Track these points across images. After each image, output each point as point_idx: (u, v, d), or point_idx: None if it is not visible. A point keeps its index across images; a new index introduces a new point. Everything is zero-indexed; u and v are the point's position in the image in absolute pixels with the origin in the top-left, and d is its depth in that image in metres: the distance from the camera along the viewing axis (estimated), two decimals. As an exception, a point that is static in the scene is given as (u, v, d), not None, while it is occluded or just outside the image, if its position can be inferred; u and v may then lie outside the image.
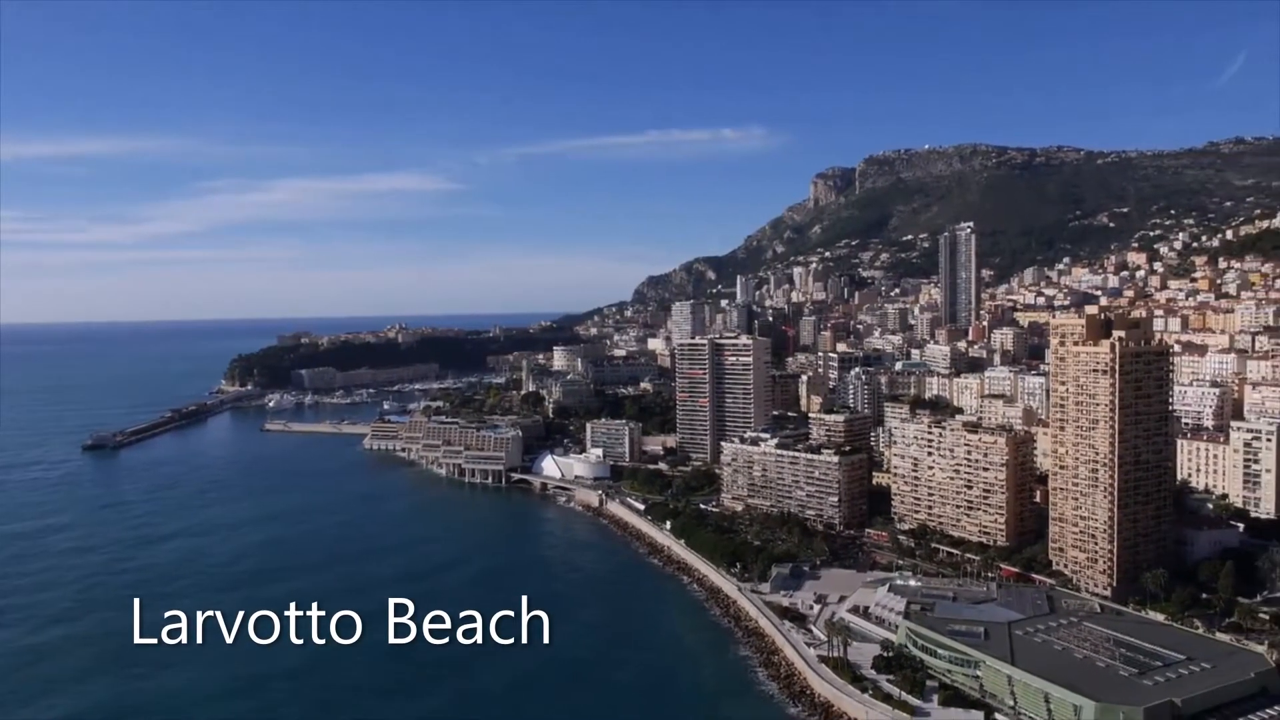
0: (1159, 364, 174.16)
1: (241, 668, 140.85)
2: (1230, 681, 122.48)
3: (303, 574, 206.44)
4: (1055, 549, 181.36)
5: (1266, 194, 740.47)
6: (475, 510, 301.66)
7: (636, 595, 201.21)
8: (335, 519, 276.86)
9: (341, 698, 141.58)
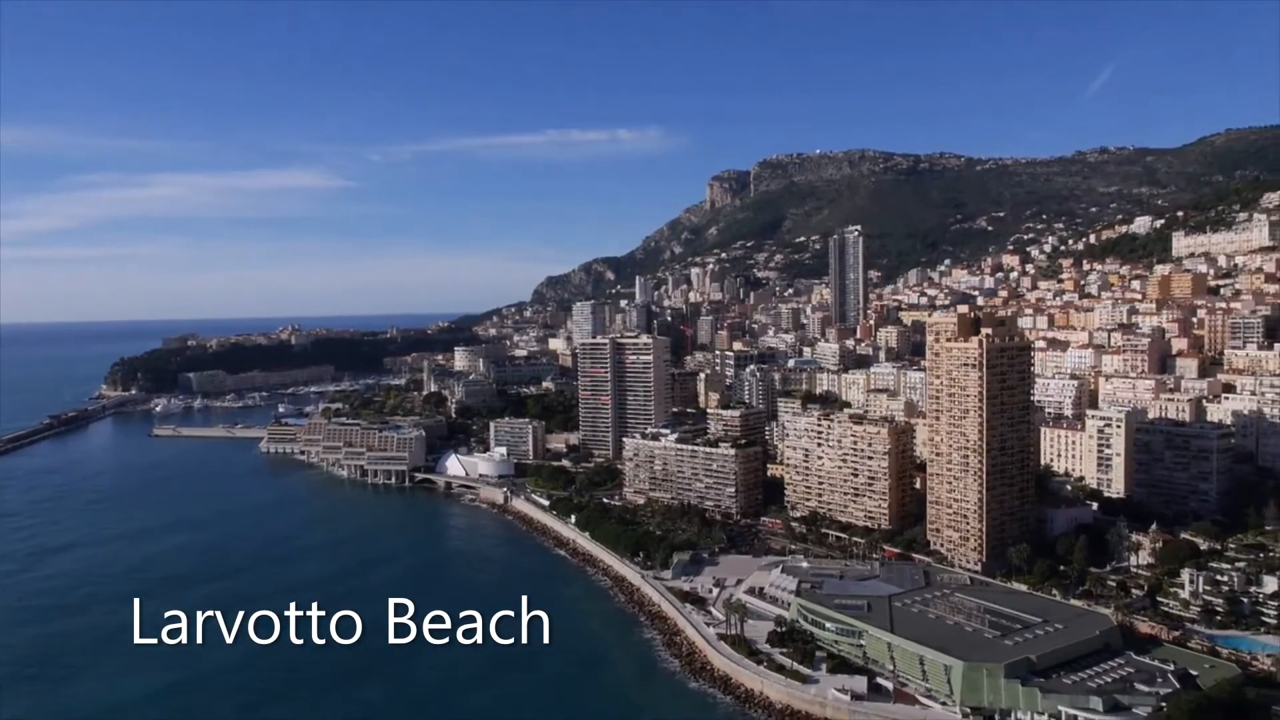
0: (1022, 358, 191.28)
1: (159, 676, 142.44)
2: (1079, 639, 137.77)
3: (216, 580, 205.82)
4: (933, 530, 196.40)
5: (1127, 200, 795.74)
6: (382, 511, 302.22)
7: (546, 587, 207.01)
8: (240, 524, 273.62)
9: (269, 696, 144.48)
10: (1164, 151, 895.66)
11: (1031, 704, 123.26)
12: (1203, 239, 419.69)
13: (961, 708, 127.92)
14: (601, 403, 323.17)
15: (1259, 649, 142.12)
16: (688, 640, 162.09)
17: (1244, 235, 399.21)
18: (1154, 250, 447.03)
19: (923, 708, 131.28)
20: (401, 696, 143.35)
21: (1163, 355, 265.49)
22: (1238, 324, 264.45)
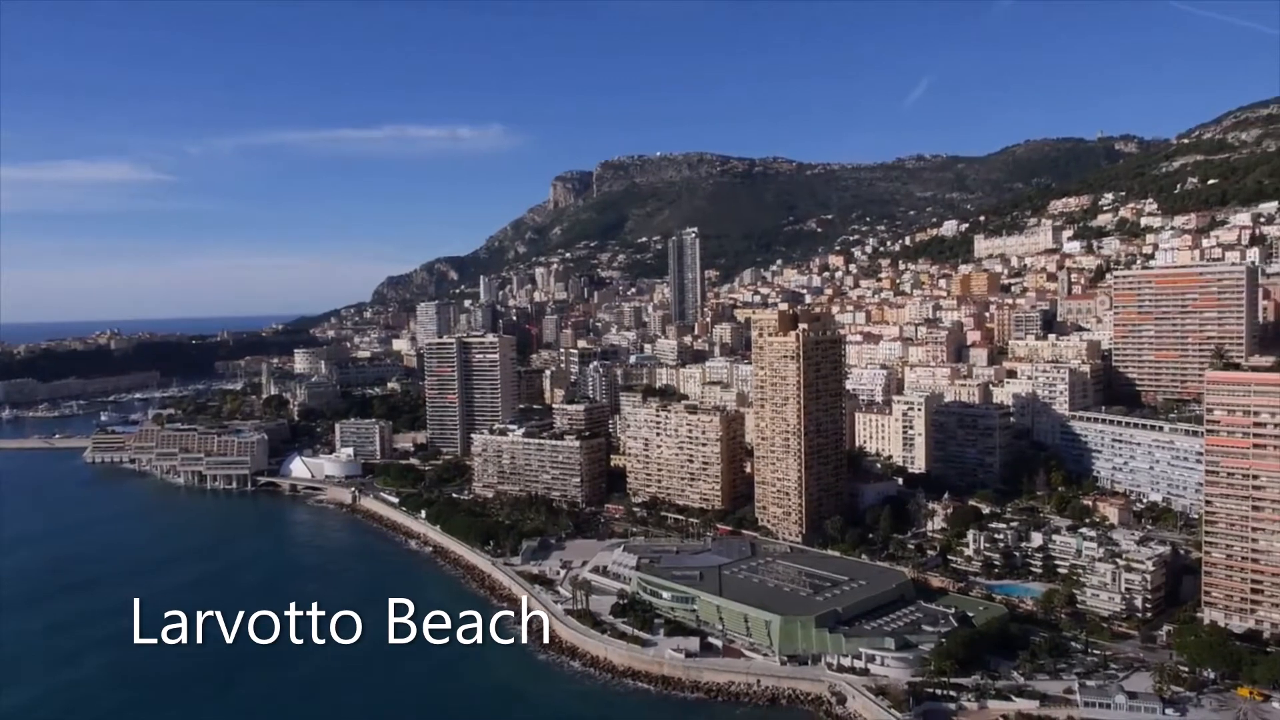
0: (834, 350, 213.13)
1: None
2: (878, 592, 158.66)
3: (64, 597, 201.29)
4: (760, 507, 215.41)
5: (941, 204, 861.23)
6: (226, 516, 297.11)
7: (399, 578, 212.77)
8: (83, 538, 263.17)
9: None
10: (973, 159, 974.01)
11: (837, 648, 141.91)
12: (999, 241, 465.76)
13: (780, 655, 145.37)
14: (449, 401, 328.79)
15: (1025, 593, 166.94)
16: (538, 617, 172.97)
17: (1033, 238, 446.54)
18: (959, 251, 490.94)
19: (747, 659, 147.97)
20: (282, 693, 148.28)
21: (959, 346, 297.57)
22: (1020, 318, 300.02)
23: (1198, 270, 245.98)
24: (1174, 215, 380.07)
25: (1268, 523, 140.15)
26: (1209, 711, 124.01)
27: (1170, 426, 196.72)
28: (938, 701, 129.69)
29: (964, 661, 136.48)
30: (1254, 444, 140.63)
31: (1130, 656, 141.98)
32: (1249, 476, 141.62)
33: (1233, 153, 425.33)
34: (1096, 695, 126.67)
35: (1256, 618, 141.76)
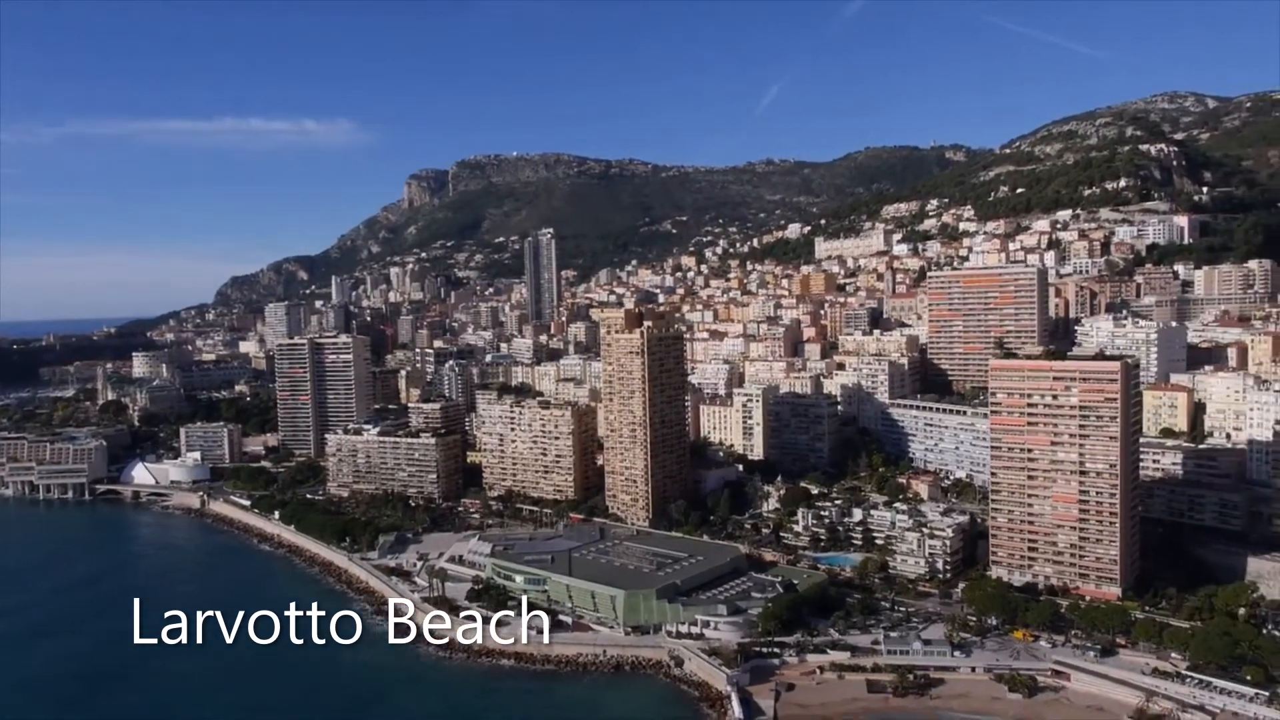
0: (677, 346, 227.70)
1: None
2: (714, 566, 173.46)
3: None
4: (610, 496, 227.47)
5: (790, 208, 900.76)
6: (62, 526, 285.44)
7: (254, 579, 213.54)
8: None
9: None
10: (819, 165, 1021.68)
11: (676, 617, 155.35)
12: (837, 244, 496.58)
13: (624, 627, 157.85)
14: (301, 402, 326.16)
15: (845, 563, 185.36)
16: (395, 606, 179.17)
17: (867, 241, 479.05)
18: (802, 253, 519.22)
19: (595, 632, 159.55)
20: (154, 702, 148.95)
21: (796, 342, 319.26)
22: (850, 315, 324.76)
23: (997, 272, 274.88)
24: (987, 221, 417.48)
25: (1040, 490, 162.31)
26: (989, 652, 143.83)
27: (972, 411, 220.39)
28: (764, 658, 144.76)
29: (788, 622, 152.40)
30: (1027, 421, 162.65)
31: (931, 611, 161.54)
32: (1024, 450, 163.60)
33: (1038, 164, 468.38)
34: (897, 644, 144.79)
35: (1033, 572, 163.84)
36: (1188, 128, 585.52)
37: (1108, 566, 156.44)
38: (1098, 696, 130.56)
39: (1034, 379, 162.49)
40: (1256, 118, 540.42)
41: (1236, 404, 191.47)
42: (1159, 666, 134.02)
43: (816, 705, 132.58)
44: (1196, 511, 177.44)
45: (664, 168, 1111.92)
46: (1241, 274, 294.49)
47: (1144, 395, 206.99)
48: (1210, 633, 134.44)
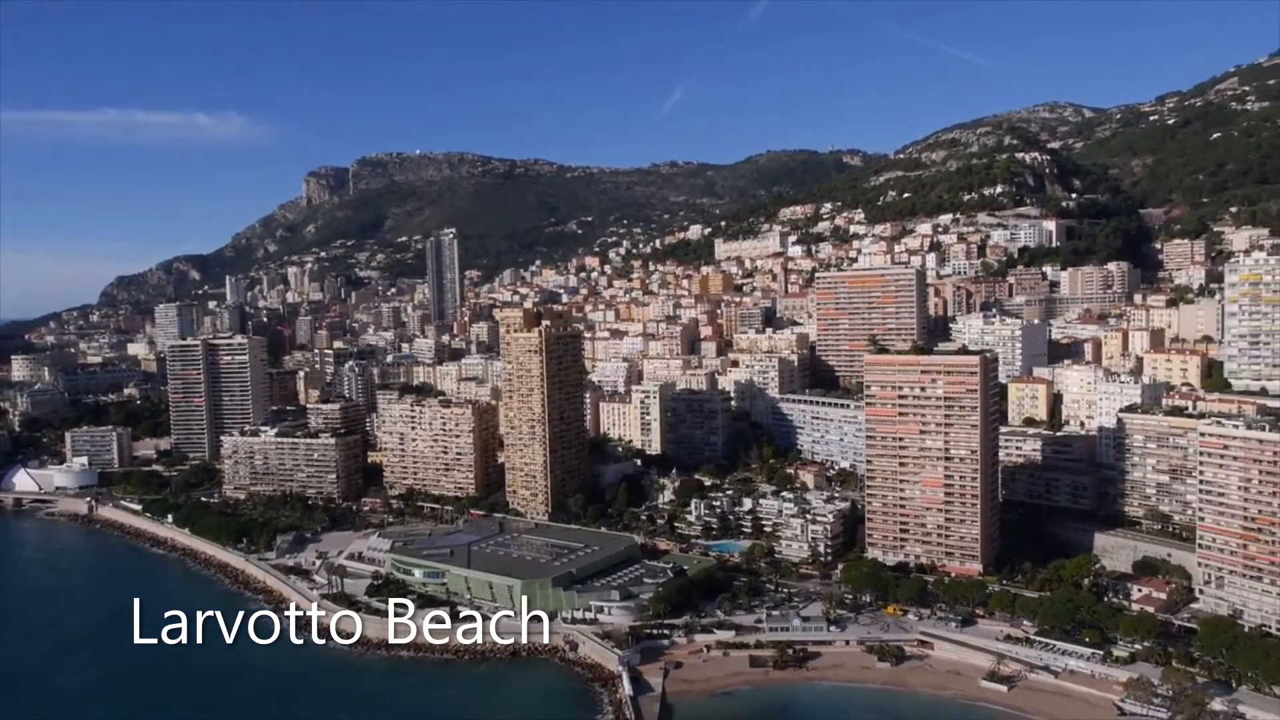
0: (575, 345, 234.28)
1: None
2: (608, 555, 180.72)
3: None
4: (511, 492, 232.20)
5: (693, 209, 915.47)
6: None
7: (147, 584, 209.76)
8: None
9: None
10: (722, 167, 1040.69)
11: (571, 603, 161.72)
12: (736, 245, 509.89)
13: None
14: (195, 405, 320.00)
15: (735, 549, 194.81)
16: (294, 604, 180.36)
17: (764, 243, 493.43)
18: (703, 254, 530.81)
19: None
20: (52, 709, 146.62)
21: (693, 340, 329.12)
22: (745, 314, 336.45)
23: (880, 273, 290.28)
24: (875, 224, 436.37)
25: (910, 476, 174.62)
26: (862, 626, 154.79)
27: (855, 404, 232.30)
28: (654, 639, 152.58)
29: (677, 605, 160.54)
30: (898, 412, 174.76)
31: (812, 591, 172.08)
32: (896, 439, 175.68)
33: (924, 170, 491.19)
34: (778, 622, 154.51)
35: (905, 552, 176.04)
36: (1064, 137, 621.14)
37: (970, 545, 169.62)
38: (957, 662, 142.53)
39: (904, 373, 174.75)
40: (1125, 129, 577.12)
41: (1089, 394, 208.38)
42: (1011, 633, 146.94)
43: (702, 680, 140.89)
44: (1052, 493, 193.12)
45: (569, 168, 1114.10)
46: (1102, 275, 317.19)
47: (1008, 387, 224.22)
48: (1056, 601, 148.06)
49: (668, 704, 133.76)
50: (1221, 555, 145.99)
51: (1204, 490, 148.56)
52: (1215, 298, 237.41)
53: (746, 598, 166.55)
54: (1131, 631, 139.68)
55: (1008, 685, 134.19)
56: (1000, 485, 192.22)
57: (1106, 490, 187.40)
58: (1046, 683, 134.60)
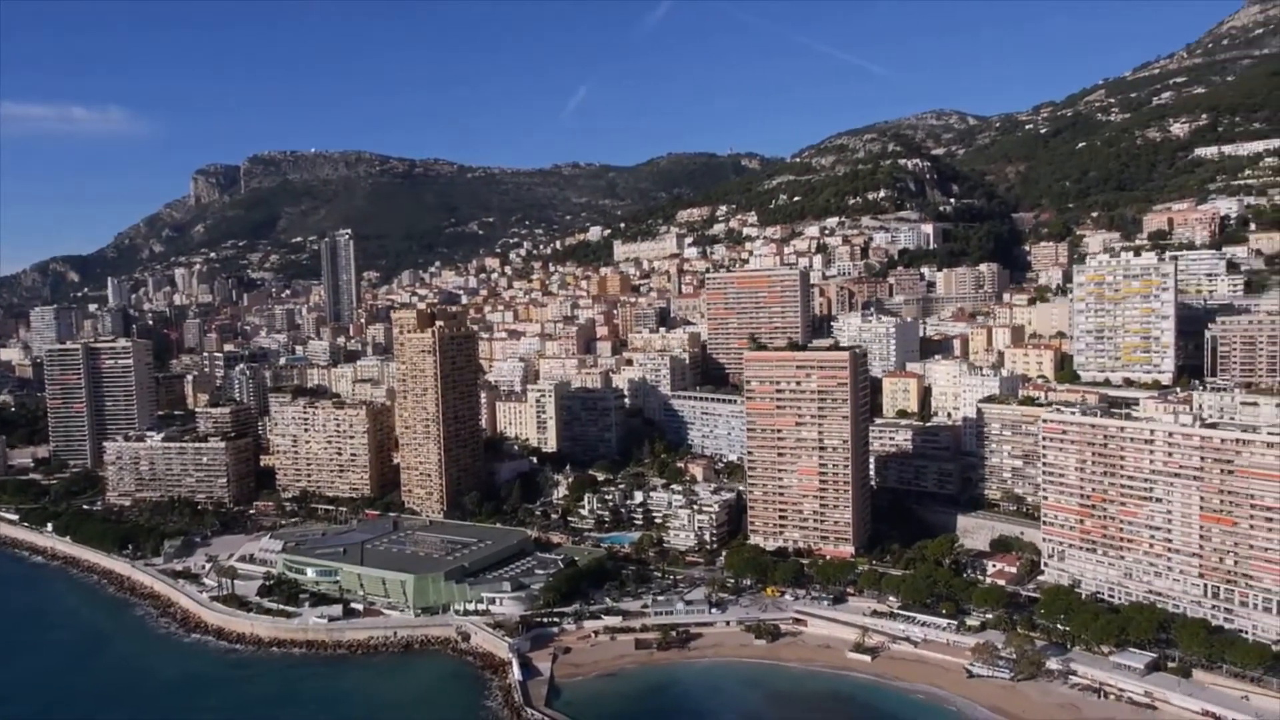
0: (469, 345, 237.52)
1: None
2: (501, 548, 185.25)
3: None
4: (406, 491, 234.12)
5: (595, 210, 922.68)
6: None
7: (26, 594, 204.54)
8: None
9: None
10: (623, 169, 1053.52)
11: (464, 596, 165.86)
12: (634, 246, 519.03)
13: (414, 609, 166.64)
14: (75, 411, 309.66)
15: (625, 541, 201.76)
16: (182, 607, 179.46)
17: (661, 244, 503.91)
18: (602, 255, 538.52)
19: (385, 616, 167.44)
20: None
21: (590, 340, 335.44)
22: (640, 315, 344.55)
23: (766, 273, 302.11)
24: (767, 226, 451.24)
25: (788, 465, 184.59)
26: (742, 607, 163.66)
27: (742, 400, 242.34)
28: (544, 627, 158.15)
29: (567, 594, 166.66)
30: (776, 405, 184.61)
31: (697, 577, 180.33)
32: (775, 431, 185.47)
33: (814, 175, 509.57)
34: (662, 605, 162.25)
35: (784, 537, 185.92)
36: (949, 143, 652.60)
37: (843, 529, 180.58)
38: (827, 637, 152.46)
39: (780, 368, 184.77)
40: (1003, 136, 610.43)
41: (955, 387, 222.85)
42: (877, 608, 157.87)
43: (589, 664, 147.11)
44: (921, 479, 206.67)
45: (470, 168, 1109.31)
46: (974, 276, 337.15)
47: (883, 381, 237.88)
48: (917, 578, 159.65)
49: (555, 686, 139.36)
50: (1062, 531, 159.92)
51: (1046, 472, 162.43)
52: (1068, 296, 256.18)
53: (634, 585, 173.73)
54: (982, 603, 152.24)
55: (872, 655, 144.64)
56: (874, 473, 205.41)
57: (969, 475, 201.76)
58: (907, 651, 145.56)
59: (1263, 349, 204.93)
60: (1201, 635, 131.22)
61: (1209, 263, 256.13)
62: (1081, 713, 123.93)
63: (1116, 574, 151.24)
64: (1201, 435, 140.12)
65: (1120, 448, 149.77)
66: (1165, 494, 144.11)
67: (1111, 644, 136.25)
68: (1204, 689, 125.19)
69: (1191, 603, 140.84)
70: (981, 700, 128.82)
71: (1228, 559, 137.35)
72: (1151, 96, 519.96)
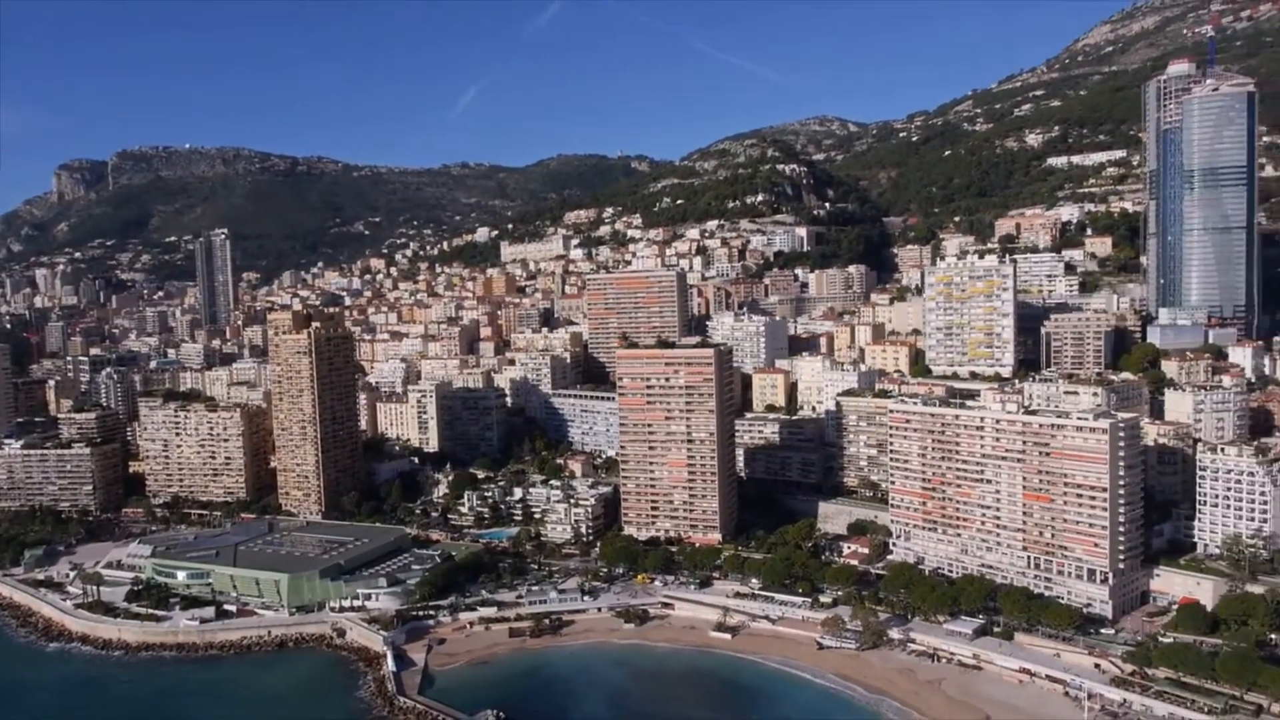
0: (346, 346, 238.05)
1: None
2: (377, 546, 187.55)
3: None
4: (283, 493, 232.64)
5: (485, 211, 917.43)
6: None
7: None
8: None
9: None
10: (514, 170, 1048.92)
11: (339, 593, 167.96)
12: (522, 248, 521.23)
13: (289, 608, 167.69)
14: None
15: (503, 536, 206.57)
16: (44, 616, 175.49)
17: (548, 245, 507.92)
18: (490, 256, 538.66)
19: (259, 616, 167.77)
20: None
21: (473, 340, 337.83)
22: (523, 315, 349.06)
23: (644, 274, 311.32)
24: (651, 229, 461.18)
25: (658, 458, 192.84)
26: (614, 595, 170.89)
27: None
28: (420, 620, 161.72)
29: (443, 588, 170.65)
30: (647, 401, 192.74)
31: (572, 568, 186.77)
32: (646, 425, 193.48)
33: (697, 178, 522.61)
34: (537, 595, 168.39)
35: (656, 527, 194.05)
36: (829, 149, 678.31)
37: (710, 518, 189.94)
38: (693, 618, 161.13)
39: (650, 365, 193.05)
40: (879, 143, 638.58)
41: (818, 382, 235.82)
42: (740, 590, 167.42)
43: (463, 653, 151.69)
44: (787, 469, 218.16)
45: (356, 167, 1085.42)
46: (844, 277, 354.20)
47: (753, 377, 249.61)
48: (776, 561, 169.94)
49: (429, 675, 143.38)
50: (908, 513, 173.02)
51: (893, 458, 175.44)
52: (923, 296, 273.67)
53: (511, 577, 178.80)
54: (835, 581, 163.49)
55: (732, 633, 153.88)
56: (743, 464, 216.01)
57: (831, 465, 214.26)
58: (765, 629, 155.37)
59: (1089, 343, 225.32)
60: (1022, 602, 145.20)
61: (1049, 265, 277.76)
62: (916, 675, 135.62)
63: (954, 550, 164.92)
64: (1023, 421, 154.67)
65: (956, 434, 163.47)
66: (994, 475, 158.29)
67: (946, 613, 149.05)
68: (1023, 649, 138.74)
69: (1017, 573, 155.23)
70: (829, 668, 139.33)
71: (1046, 533, 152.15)
72: (1013, 108, 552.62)
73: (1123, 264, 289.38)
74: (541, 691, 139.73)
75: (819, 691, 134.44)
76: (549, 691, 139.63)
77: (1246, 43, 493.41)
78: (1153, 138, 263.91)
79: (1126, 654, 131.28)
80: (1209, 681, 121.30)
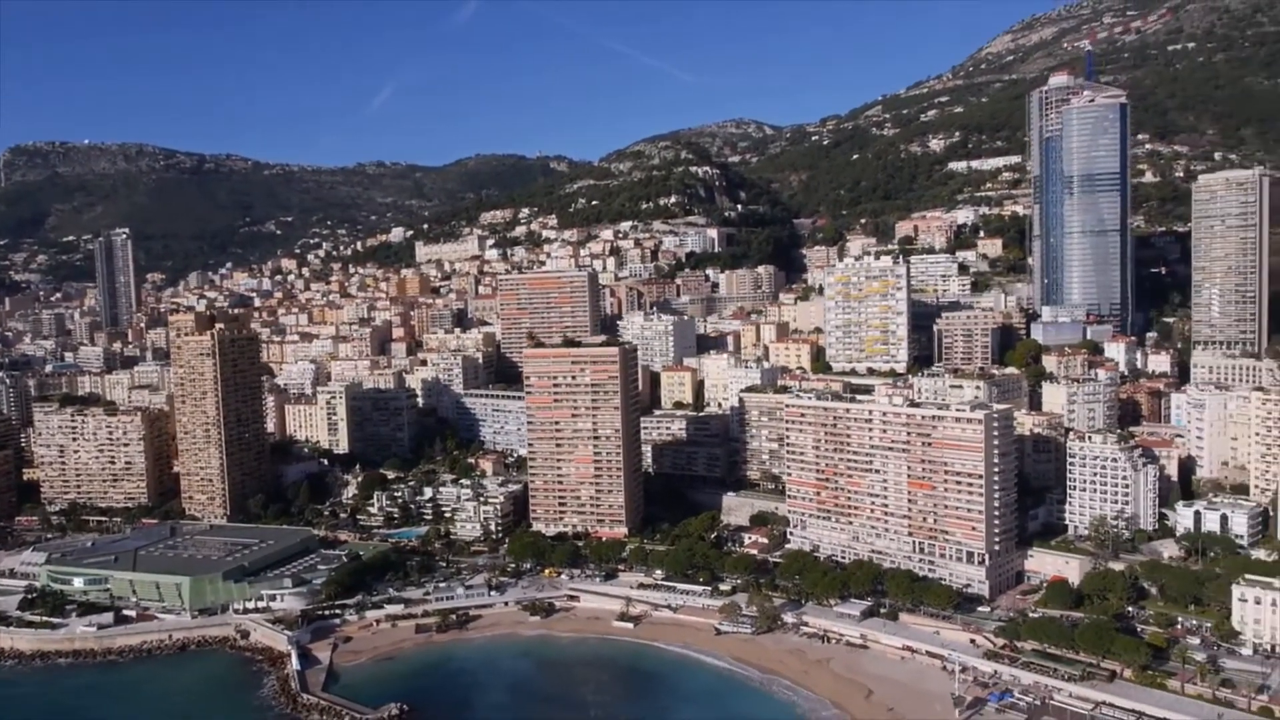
0: (251, 347, 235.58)
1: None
2: (282, 547, 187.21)
3: None
4: (187, 497, 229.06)
5: (401, 211, 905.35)
6: None
7: None
8: None
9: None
10: (431, 169, 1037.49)
11: (243, 595, 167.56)
12: (437, 248, 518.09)
13: (191, 611, 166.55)
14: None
15: (413, 535, 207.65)
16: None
17: (464, 246, 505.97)
18: (404, 256, 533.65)
19: (160, 620, 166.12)
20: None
21: (385, 341, 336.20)
22: (436, 316, 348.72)
23: (556, 275, 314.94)
24: (566, 229, 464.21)
25: (566, 455, 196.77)
26: (521, 589, 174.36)
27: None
28: (326, 619, 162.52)
29: (350, 587, 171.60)
30: (554, 399, 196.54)
31: (481, 564, 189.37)
32: (553, 423, 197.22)
33: (613, 180, 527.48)
34: (444, 592, 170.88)
35: (564, 522, 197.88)
36: (744, 151, 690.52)
37: (616, 512, 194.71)
38: (597, 609, 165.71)
39: (557, 364, 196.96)
40: (792, 146, 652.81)
41: (724, 379, 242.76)
42: (644, 581, 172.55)
43: (369, 650, 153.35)
44: (693, 464, 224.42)
45: (267, 165, 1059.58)
46: (753, 277, 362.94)
47: (661, 375, 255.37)
48: (678, 552, 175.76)
49: (334, 672, 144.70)
50: (804, 503, 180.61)
51: (790, 451, 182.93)
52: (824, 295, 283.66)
53: (419, 575, 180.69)
54: (734, 570, 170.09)
55: (635, 622, 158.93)
56: (650, 460, 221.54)
57: (735, 459, 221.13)
58: (666, 617, 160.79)
59: (978, 340, 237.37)
60: (906, 584, 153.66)
61: (944, 265, 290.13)
62: (806, 655, 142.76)
63: (846, 537, 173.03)
64: (908, 414, 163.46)
65: (847, 427, 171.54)
66: (882, 465, 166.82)
67: (837, 597, 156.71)
68: (906, 628, 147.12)
69: (904, 558, 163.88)
70: (725, 652, 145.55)
71: (929, 518, 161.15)
72: (919, 114, 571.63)
73: (1012, 264, 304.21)
74: (447, 684, 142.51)
75: (715, 673, 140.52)
76: (454, 684, 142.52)
77: (1133, 55, 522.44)
78: (1036, 145, 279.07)
79: (999, 629, 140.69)
80: (1070, 651, 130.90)
